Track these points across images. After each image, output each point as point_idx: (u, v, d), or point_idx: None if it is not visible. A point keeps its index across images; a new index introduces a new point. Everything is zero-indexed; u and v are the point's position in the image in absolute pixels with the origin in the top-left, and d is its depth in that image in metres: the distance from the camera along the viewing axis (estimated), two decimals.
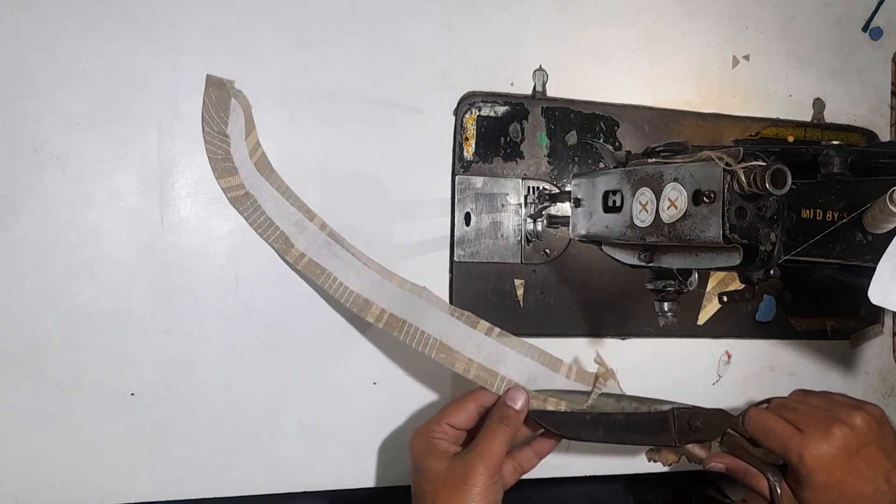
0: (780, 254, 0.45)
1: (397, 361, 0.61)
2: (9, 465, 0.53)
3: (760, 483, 0.52)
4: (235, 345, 0.57)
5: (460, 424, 0.53)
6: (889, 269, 0.43)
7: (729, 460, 0.54)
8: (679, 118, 0.67)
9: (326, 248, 0.56)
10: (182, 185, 0.56)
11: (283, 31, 0.58)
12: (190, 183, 0.56)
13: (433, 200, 0.62)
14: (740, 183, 0.42)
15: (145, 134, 0.55)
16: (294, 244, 0.55)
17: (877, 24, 0.73)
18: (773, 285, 0.69)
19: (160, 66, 0.55)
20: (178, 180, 0.56)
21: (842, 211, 0.46)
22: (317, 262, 0.55)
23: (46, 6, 0.54)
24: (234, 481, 0.58)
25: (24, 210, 0.53)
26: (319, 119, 0.59)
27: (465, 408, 0.53)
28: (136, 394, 0.55)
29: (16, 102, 0.53)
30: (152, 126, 0.55)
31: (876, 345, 0.73)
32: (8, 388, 0.53)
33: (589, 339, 0.65)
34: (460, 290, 0.62)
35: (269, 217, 0.55)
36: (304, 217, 0.56)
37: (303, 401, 0.59)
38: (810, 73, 0.71)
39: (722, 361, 0.69)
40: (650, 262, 0.50)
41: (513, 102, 0.63)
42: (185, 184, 0.56)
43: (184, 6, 0.56)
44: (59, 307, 0.54)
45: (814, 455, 0.49)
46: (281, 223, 0.56)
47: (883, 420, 0.52)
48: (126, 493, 0.55)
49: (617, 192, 0.50)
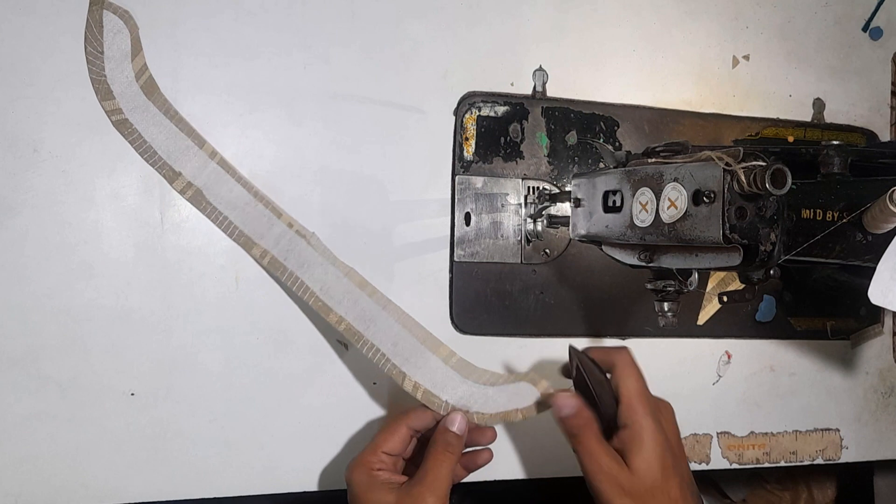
0: (780, 254, 0.45)
1: None
2: (9, 465, 0.53)
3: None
4: (235, 345, 0.57)
5: (396, 451, 0.52)
6: (889, 269, 0.43)
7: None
8: (679, 118, 0.67)
9: (215, 176, 0.55)
10: None
11: (283, 31, 0.58)
12: None
13: (433, 200, 0.62)
14: (740, 183, 0.42)
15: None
16: (180, 172, 0.54)
17: (877, 24, 0.73)
18: (773, 285, 0.69)
19: (160, 66, 0.55)
20: None
21: (842, 211, 0.46)
22: (202, 194, 0.54)
23: (46, 6, 0.54)
24: (234, 481, 0.58)
25: (24, 210, 0.53)
26: (319, 119, 0.59)
27: (398, 432, 0.52)
28: (136, 394, 0.55)
29: (16, 102, 0.53)
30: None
31: (876, 345, 0.73)
32: (8, 388, 0.53)
33: (589, 339, 0.65)
34: (460, 290, 0.62)
35: (151, 144, 0.54)
36: (192, 144, 0.55)
37: (303, 401, 0.59)
38: (810, 73, 0.71)
39: (722, 361, 0.69)
40: (650, 262, 0.50)
41: (513, 102, 0.63)
42: None
43: (184, 6, 0.56)
44: (59, 307, 0.54)
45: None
46: (166, 150, 0.54)
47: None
48: (126, 493, 0.55)
49: (617, 192, 0.50)
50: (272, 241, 0.55)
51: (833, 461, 0.72)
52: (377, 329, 0.53)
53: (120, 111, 0.53)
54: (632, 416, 0.49)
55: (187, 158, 0.54)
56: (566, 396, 0.50)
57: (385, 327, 0.53)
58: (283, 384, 0.58)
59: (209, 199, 0.54)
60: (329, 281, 0.54)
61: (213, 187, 0.55)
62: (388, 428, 0.52)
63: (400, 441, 0.52)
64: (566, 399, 0.50)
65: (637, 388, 0.50)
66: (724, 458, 0.68)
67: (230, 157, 0.57)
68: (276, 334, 0.58)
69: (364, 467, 0.51)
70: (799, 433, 0.70)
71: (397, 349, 0.53)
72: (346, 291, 0.54)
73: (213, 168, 0.55)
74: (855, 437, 0.72)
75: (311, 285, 0.54)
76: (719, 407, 0.68)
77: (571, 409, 0.49)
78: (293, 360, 0.58)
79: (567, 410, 0.49)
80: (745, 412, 0.69)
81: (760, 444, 0.69)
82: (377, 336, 0.53)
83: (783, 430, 0.70)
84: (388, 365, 0.53)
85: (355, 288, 0.54)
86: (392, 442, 0.51)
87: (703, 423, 0.68)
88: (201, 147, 0.55)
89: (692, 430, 0.68)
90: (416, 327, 0.54)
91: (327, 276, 0.54)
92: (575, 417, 0.49)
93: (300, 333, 0.58)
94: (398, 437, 0.52)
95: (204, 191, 0.54)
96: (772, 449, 0.70)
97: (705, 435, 0.68)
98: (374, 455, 0.51)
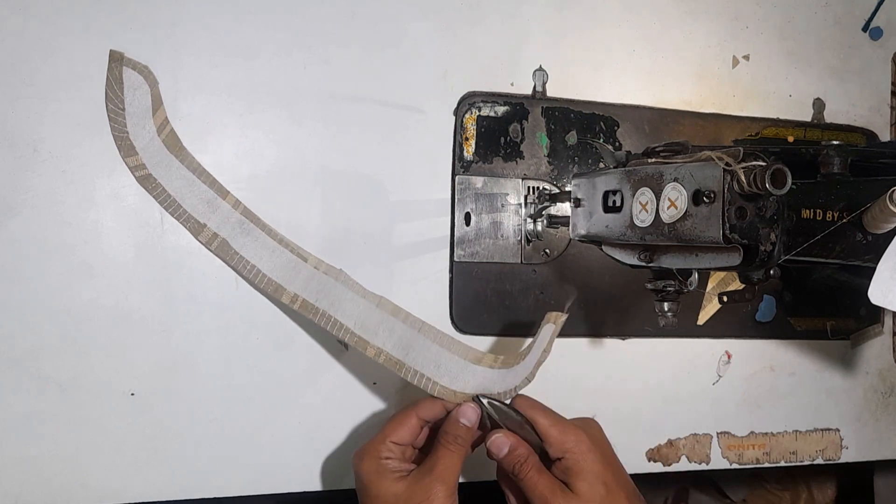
0: (780, 254, 0.45)
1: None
2: (9, 465, 0.53)
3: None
4: (235, 345, 0.57)
5: (405, 440, 0.51)
6: (889, 269, 0.43)
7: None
8: (679, 118, 0.67)
9: (240, 227, 0.55)
10: None
11: (282, 31, 0.58)
12: None
13: (433, 200, 0.62)
14: (740, 183, 0.42)
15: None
16: (206, 224, 0.54)
17: (877, 24, 0.73)
18: (773, 285, 0.69)
19: (160, 66, 0.55)
20: None
21: (842, 211, 0.46)
22: (229, 244, 0.54)
23: (46, 6, 0.54)
24: (234, 481, 0.58)
25: (23, 210, 0.53)
26: (319, 119, 0.59)
27: (408, 423, 0.51)
28: (136, 394, 0.55)
29: (16, 102, 0.53)
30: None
31: (876, 345, 0.73)
32: (8, 388, 0.53)
33: (589, 338, 0.65)
34: (460, 290, 0.62)
35: (176, 198, 0.54)
36: (216, 195, 0.55)
37: (303, 401, 0.59)
38: (810, 73, 0.71)
39: (722, 361, 0.69)
40: (650, 262, 0.50)
41: (513, 102, 0.63)
42: None
43: (184, 6, 0.56)
44: (59, 307, 0.54)
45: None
46: (190, 203, 0.54)
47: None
48: (126, 493, 0.55)
49: (617, 192, 0.50)
50: (301, 285, 0.54)
51: (833, 461, 0.72)
52: (417, 353, 0.53)
53: (143, 167, 0.53)
54: (562, 445, 0.50)
55: (211, 210, 0.54)
56: (500, 437, 0.50)
57: (424, 350, 0.53)
58: (283, 384, 0.58)
59: (235, 248, 0.54)
60: (362, 314, 0.53)
61: (238, 237, 0.55)
62: (396, 418, 0.52)
63: (409, 431, 0.51)
64: (500, 440, 0.50)
65: (553, 419, 0.51)
66: (724, 458, 0.68)
67: (230, 156, 0.57)
68: (276, 334, 0.58)
69: (372, 456, 0.50)
70: (799, 433, 0.70)
71: (440, 370, 0.53)
72: (380, 321, 0.53)
73: (237, 218, 0.55)
74: (855, 437, 0.72)
75: (346, 322, 0.53)
76: (719, 407, 0.68)
77: (507, 446, 0.50)
78: (293, 360, 0.58)
79: (505, 449, 0.50)
80: (745, 412, 0.69)
81: (760, 444, 0.69)
82: (418, 361, 0.53)
83: (783, 430, 0.70)
84: (436, 388, 0.52)
85: (389, 316, 0.54)
86: (401, 432, 0.51)
87: (703, 423, 0.68)
88: (224, 198, 0.55)
89: (692, 430, 0.68)
90: (454, 344, 0.54)
91: (360, 310, 0.54)
92: (512, 454, 0.50)
93: (300, 333, 0.58)
94: (407, 427, 0.51)
95: (230, 241, 0.54)
96: (772, 449, 0.70)
97: (705, 435, 0.68)
98: (383, 444, 0.50)
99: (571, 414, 0.53)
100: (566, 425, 0.51)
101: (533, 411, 0.51)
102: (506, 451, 0.50)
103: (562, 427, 0.51)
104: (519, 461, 0.50)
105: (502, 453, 0.50)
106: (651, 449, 0.65)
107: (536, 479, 0.49)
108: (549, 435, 0.50)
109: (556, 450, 0.50)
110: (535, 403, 0.52)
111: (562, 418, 0.52)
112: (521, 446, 0.50)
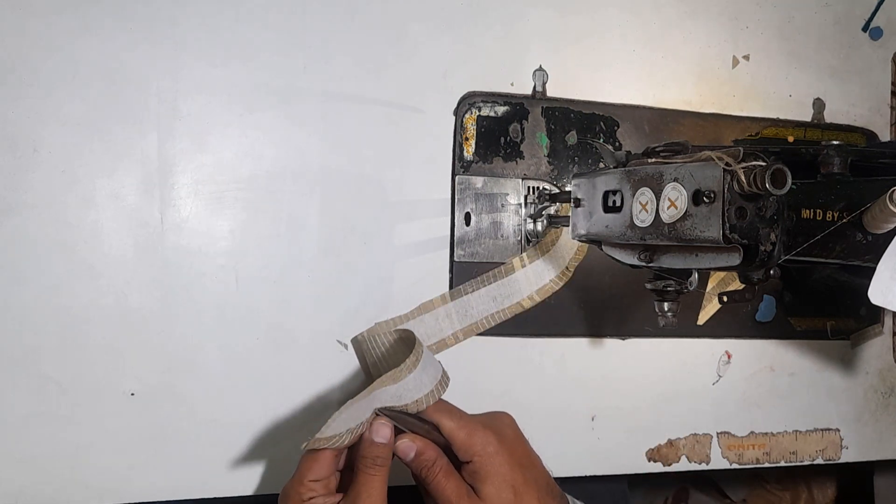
0: (780, 254, 0.45)
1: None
2: (9, 465, 0.53)
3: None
4: (235, 345, 0.57)
5: (324, 475, 0.49)
6: (889, 269, 0.43)
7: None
8: (679, 118, 0.67)
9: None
10: (182, 185, 0.56)
11: (282, 31, 0.58)
12: (190, 183, 0.56)
13: (433, 200, 0.62)
14: (740, 183, 0.42)
15: (145, 134, 0.55)
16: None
17: (877, 24, 0.73)
18: (773, 285, 0.69)
19: (160, 66, 0.55)
20: (178, 180, 0.56)
21: (842, 211, 0.46)
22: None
23: (46, 6, 0.54)
24: (234, 481, 0.58)
25: (23, 210, 0.53)
26: (319, 119, 0.59)
27: (320, 457, 0.49)
28: (136, 394, 0.55)
29: (16, 102, 0.53)
30: (152, 126, 0.55)
31: (876, 345, 0.73)
32: (8, 388, 0.53)
33: (589, 338, 0.65)
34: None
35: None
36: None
37: (303, 401, 0.59)
38: (810, 73, 0.71)
39: (722, 361, 0.69)
40: (650, 262, 0.50)
41: (513, 102, 0.63)
42: (185, 184, 0.56)
43: (184, 6, 0.56)
44: (59, 307, 0.54)
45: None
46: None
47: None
48: (126, 493, 0.55)
49: (617, 192, 0.50)
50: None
51: (833, 461, 0.72)
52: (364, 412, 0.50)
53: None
54: (469, 448, 0.50)
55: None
56: (405, 442, 0.49)
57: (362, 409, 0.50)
58: (284, 384, 0.58)
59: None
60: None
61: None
62: (309, 455, 0.49)
63: (325, 464, 0.49)
64: (406, 444, 0.49)
65: (460, 420, 0.50)
66: (724, 458, 0.68)
67: (230, 156, 0.57)
68: (276, 334, 0.58)
69: (294, 499, 0.48)
70: (799, 433, 0.70)
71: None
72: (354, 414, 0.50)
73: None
74: (855, 437, 0.72)
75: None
76: (719, 407, 0.68)
77: (413, 450, 0.49)
78: (293, 360, 0.58)
79: (411, 454, 0.49)
80: (745, 412, 0.69)
81: (760, 444, 0.69)
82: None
83: (783, 430, 0.70)
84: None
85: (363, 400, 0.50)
86: (316, 468, 0.49)
87: (703, 423, 0.68)
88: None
89: (692, 430, 0.68)
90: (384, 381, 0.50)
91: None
92: (419, 458, 0.49)
93: (300, 333, 0.58)
94: (321, 462, 0.49)
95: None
96: (772, 449, 0.70)
97: (705, 435, 0.68)
98: (302, 486, 0.48)
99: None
100: (473, 427, 0.50)
101: (438, 415, 0.50)
102: (412, 456, 0.49)
103: (469, 429, 0.50)
104: (426, 465, 0.49)
105: (408, 458, 0.49)
106: (651, 449, 0.65)
107: (444, 483, 0.49)
108: (455, 438, 0.50)
109: (464, 453, 0.50)
110: (441, 406, 0.51)
111: (469, 419, 0.51)
112: (429, 449, 0.50)
